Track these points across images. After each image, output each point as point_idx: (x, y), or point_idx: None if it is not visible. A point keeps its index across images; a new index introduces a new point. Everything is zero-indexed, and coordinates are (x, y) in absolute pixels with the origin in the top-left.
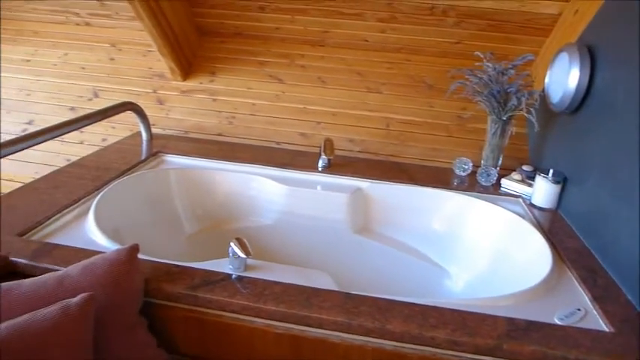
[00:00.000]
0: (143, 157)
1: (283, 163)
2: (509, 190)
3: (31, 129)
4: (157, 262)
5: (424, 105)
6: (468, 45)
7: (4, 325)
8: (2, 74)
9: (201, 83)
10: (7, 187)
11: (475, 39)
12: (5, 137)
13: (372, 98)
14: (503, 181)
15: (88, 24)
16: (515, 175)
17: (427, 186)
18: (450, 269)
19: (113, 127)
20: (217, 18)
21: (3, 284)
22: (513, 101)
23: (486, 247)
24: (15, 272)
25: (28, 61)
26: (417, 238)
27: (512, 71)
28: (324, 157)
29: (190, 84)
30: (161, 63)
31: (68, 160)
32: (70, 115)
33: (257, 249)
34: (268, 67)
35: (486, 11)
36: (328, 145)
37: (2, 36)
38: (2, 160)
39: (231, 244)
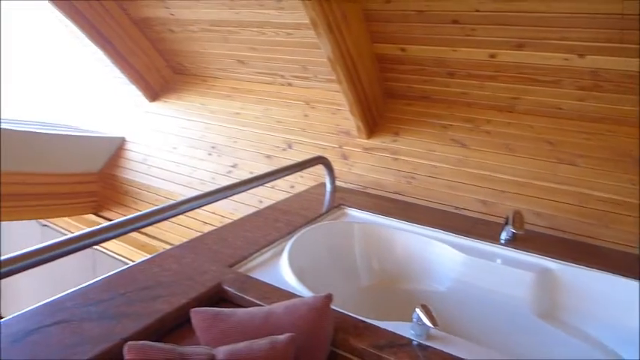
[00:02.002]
0: (327, 208)
1: (462, 229)
2: None
3: (235, 171)
4: (344, 313)
5: (630, 182)
6: None
7: (227, 347)
8: (219, 124)
9: (383, 142)
10: (214, 220)
11: None
12: (214, 177)
13: (565, 170)
14: None
15: (290, 84)
16: None
17: (634, 278)
18: None
19: (301, 176)
20: (406, 82)
21: (225, 310)
22: None
23: None
24: (225, 299)
25: (238, 113)
26: (614, 337)
27: None
28: (510, 229)
29: (373, 142)
30: (348, 121)
31: (260, 202)
32: (266, 162)
33: None
34: (452, 130)
35: None
36: (518, 218)
37: (221, 92)
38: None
39: (417, 310)
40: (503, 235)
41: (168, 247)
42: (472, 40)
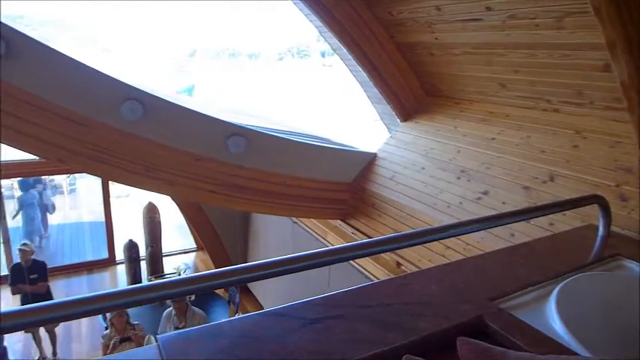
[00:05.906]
0: (599, 256)
1: None
2: None
3: (485, 198)
4: None
5: None
6: None
7: None
8: (471, 148)
9: None
10: (457, 245)
11: None
12: (462, 202)
13: None
14: None
15: (556, 110)
16: None
17: None
18: None
19: (563, 214)
20: None
21: (496, 348)
22: None
23: None
24: (486, 334)
25: (494, 139)
26: None
27: None
28: None
29: None
30: (632, 157)
31: (512, 235)
32: (523, 194)
33: None
34: None
35: None
36: None
37: (476, 116)
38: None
39: None
40: None
41: (402, 261)
42: None
